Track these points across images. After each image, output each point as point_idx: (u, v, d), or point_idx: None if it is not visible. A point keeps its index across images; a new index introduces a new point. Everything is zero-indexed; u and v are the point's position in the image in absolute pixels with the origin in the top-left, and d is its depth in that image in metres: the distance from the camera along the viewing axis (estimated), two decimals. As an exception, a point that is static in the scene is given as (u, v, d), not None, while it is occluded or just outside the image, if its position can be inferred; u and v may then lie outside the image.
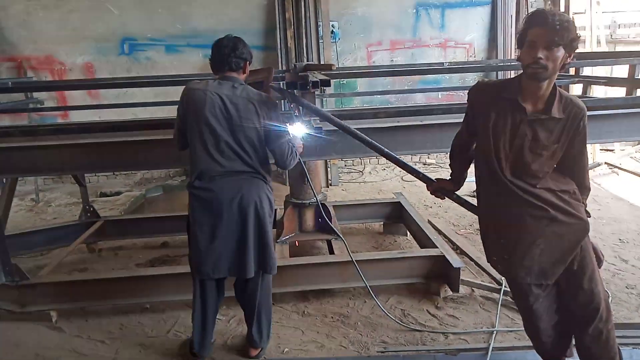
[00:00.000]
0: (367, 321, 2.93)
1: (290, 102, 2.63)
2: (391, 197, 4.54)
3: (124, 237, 4.24)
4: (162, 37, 6.20)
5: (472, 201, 2.22)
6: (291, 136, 2.44)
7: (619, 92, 3.59)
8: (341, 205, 4.35)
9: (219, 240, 2.32)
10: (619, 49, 6.56)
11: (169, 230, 4.14)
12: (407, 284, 3.24)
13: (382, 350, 2.64)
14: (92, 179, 6.43)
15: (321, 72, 2.91)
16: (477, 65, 5.71)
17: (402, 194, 4.49)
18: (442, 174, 2.63)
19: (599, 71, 4.93)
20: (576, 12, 6.54)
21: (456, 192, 2.25)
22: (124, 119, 4.12)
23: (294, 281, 3.10)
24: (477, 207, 2.12)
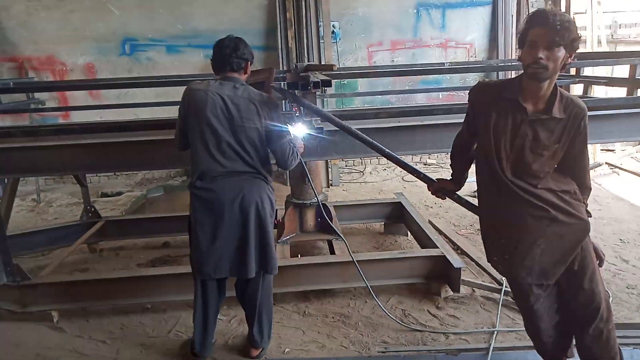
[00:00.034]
0: (368, 321, 2.94)
1: (291, 102, 2.63)
2: (392, 198, 4.54)
3: (125, 238, 4.24)
4: (163, 38, 6.21)
5: (473, 201, 2.22)
6: (292, 136, 2.44)
7: (620, 92, 3.59)
8: (342, 205, 4.36)
9: (220, 240, 2.32)
10: (620, 49, 6.56)
11: (170, 230, 4.15)
12: (407, 284, 3.25)
13: (382, 350, 2.64)
14: (93, 179, 6.43)
15: (322, 72, 2.91)
16: (478, 65, 5.71)
17: (402, 194, 4.49)
18: (442, 174, 2.64)
19: (600, 71, 4.94)
20: (577, 12, 6.54)
21: (457, 192, 2.26)
22: (125, 119, 4.13)
23: (294, 281, 3.11)
24: (478, 207, 2.13)
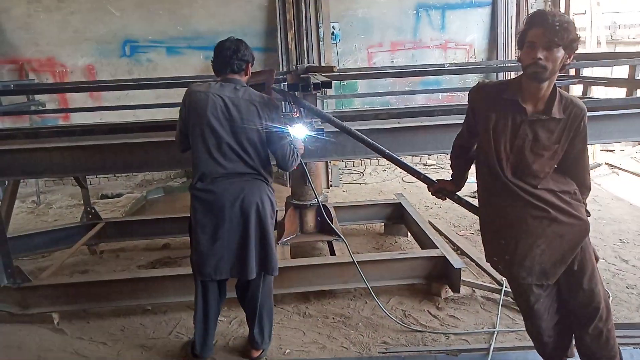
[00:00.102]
0: (368, 322, 2.94)
1: (291, 103, 2.63)
2: (392, 198, 4.54)
3: (125, 239, 4.24)
4: (163, 39, 6.22)
5: (473, 202, 2.23)
6: (292, 138, 2.45)
7: (619, 92, 3.60)
8: (342, 206, 4.36)
9: (220, 241, 2.33)
10: (619, 49, 6.57)
11: (170, 231, 4.15)
12: (408, 284, 3.25)
13: (383, 351, 2.65)
14: (93, 181, 6.43)
15: (322, 73, 2.92)
16: (477, 66, 5.72)
17: (402, 195, 4.49)
18: (442, 175, 2.64)
19: (599, 72, 4.94)
20: (576, 13, 6.55)
21: (457, 193, 2.26)
22: (126, 121, 4.12)
23: (295, 282, 3.11)
24: (478, 207, 2.13)
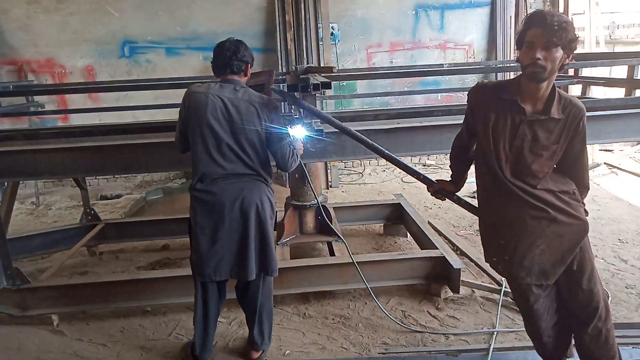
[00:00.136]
0: (368, 323, 2.94)
1: (290, 104, 2.63)
2: (391, 199, 4.54)
3: (124, 240, 4.24)
4: (162, 40, 6.21)
5: (473, 202, 2.23)
6: (292, 138, 2.45)
7: (618, 92, 3.60)
8: (341, 207, 4.36)
9: (220, 242, 2.33)
10: (618, 49, 6.58)
11: (170, 232, 4.14)
12: (407, 285, 3.25)
13: (383, 351, 2.65)
14: (93, 182, 6.43)
15: (322, 74, 2.92)
16: (476, 66, 5.72)
17: (402, 195, 4.49)
18: (442, 175, 2.64)
19: (598, 72, 4.95)
20: (575, 13, 6.56)
21: (456, 193, 2.26)
22: (125, 122, 4.12)
23: (294, 283, 3.11)
24: (478, 208, 2.13)
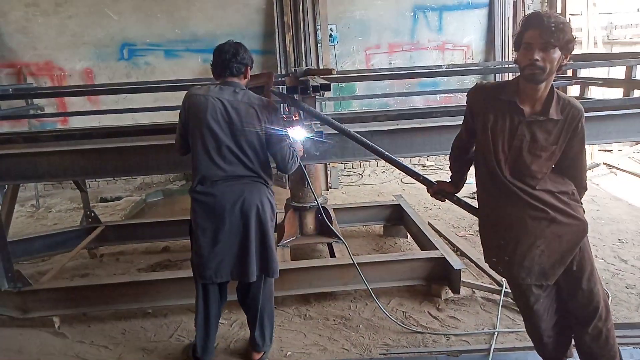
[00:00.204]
0: (369, 323, 2.94)
1: (290, 106, 2.64)
2: (391, 200, 4.55)
3: (125, 242, 4.25)
4: (161, 42, 6.22)
5: (472, 203, 2.24)
6: (292, 140, 2.46)
7: (617, 93, 3.61)
8: (341, 208, 4.36)
9: (221, 244, 2.33)
10: (616, 49, 6.59)
11: (170, 234, 4.15)
12: (408, 286, 3.26)
13: (384, 352, 2.65)
14: (93, 184, 6.43)
15: (321, 76, 2.92)
16: (475, 67, 5.73)
17: (401, 196, 4.50)
18: (441, 176, 2.65)
19: (597, 72, 4.97)
20: (573, 14, 6.58)
21: (456, 194, 2.27)
22: (125, 125, 4.13)
23: (295, 284, 3.11)
24: (477, 208, 2.14)
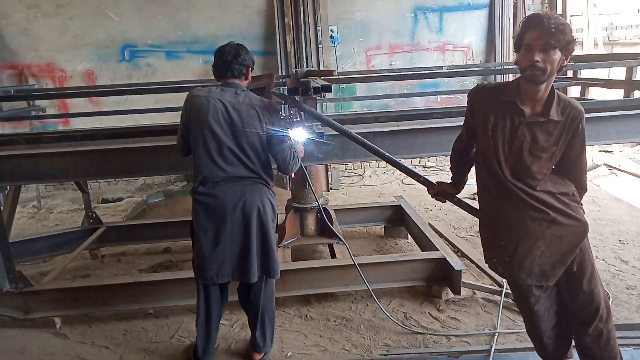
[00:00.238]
0: (370, 324, 2.95)
1: (290, 107, 2.65)
2: (392, 201, 4.56)
3: (126, 243, 4.26)
4: (162, 44, 6.23)
5: (473, 204, 2.24)
6: (293, 141, 2.46)
7: (617, 93, 3.62)
8: (342, 209, 4.37)
9: (222, 245, 2.34)
10: (616, 50, 6.60)
11: (171, 235, 4.16)
12: (408, 286, 3.26)
13: (384, 353, 2.66)
14: (94, 185, 6.44)
15: (322, 77, 2.93)
16: (475, 69, 5.74)
17: (402, 197, 4.50)
18: (442, 177, 2.66)
19: (597, 73, 4.97)
20: (573, 14, 6.58)
21: (457, 195, 2.27)
22: (126, 126, 4.14)
23: (296, 285, 3.11)
24: (478, 209, 2.14)
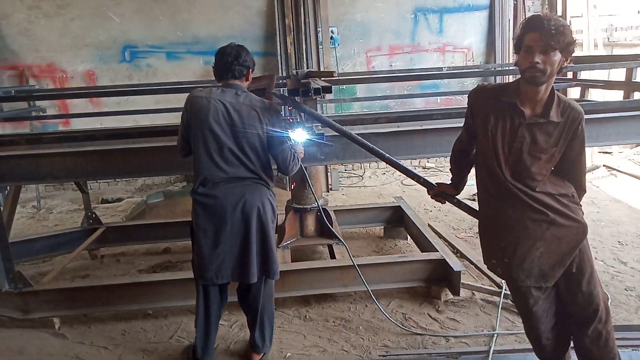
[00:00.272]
0: (369, 325, 2.95)
1: (291, 108, 2.65)
2: (391, 201, 4.56)
3: (125, 244, 4.26)
4: (162, 45, 6.24)
5: (472, 205, 2.24)
6: (293, 142, 2.46)
7: (617, 95, 3.63)
8: (342, 209, 4.37)
9: (222, 245, 2.34)
10: (616, 52, 6.60)
11: (171, 236, 4.16)
12: (408, 287, 3.26)
13: (383, 354, 2.66)
14: (94, 186, 6.44)
15: (322, 78, 2.93)
16: (475, 70, 5.74)
17: (402, 198, 4.51)
18: (441, 178, 2.66)
19: (597, 75, 4.98)
20: (573, 16, 6.59)
21: (456, 196, 2.27)
22: (127, 127, 4.15)
23: (295, 286, 3.12)
24: (478, 209, 2.14)
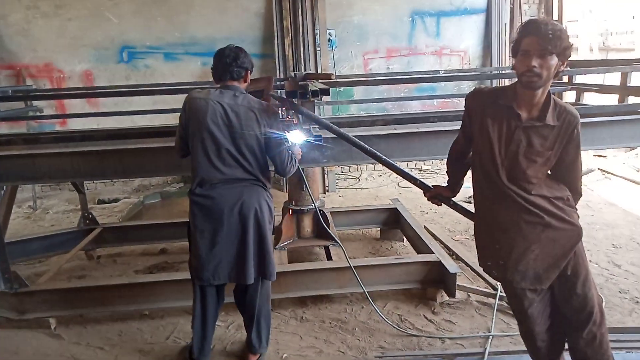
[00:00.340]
0: (365, 326, 2.96)
1: (289, 110, 2.66)
2: (388, 203, 4.57)
3: (122, 244, 4.25)
4: (160, 45, 6.24)
5: (468, 207, 2.26)
6: (290, 144, 2.47)
7: (612, 99, 3.66)
8: (338, 211, 4.38)
9: (219, 246, 2.35)
10: (611, 56, 6.66)
11: (167, 236, 4.16)
12: (404, 289, 3.27)
13: (379, 355, 2.67)
14: (90, 186, 6.42)
15: (320, 80, 2.94)
16: (471, 73, 5.78)
17: (398, 200, 4.52)
18: (438, 180, 2.67)
19: (592, 79, 5.02)
20: (570, 20, 6.64)
21: (452, 198, 2.29)
22: (124, 127, 4.14)
23: (292, 287, 3.12)
24: (474, 212, 2.16)
